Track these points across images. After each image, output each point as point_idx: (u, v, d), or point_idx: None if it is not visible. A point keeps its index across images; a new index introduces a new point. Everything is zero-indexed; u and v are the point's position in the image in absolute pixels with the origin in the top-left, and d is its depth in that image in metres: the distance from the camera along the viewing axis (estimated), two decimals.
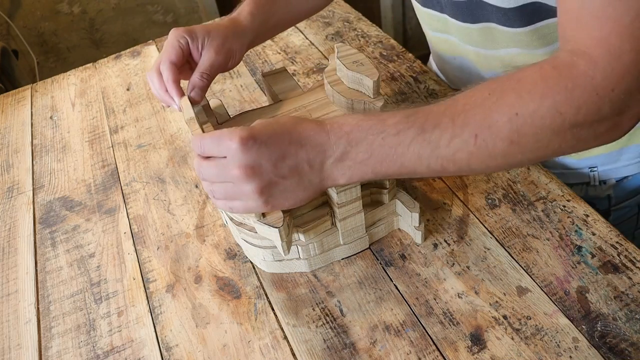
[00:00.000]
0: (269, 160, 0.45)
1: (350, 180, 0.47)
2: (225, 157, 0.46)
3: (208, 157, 0.48)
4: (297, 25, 1.05)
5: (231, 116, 0.64)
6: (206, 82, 0.60)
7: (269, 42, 1.02)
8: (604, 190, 0.73)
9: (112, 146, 0.85)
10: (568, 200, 0.63)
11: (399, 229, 0.64)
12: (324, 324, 0.57)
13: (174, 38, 0.61)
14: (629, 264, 0.56)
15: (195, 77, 0.60)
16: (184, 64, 0.62)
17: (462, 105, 0.45)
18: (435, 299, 0.57)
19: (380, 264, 0.61)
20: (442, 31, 0.74)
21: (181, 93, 0.59)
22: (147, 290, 0.63)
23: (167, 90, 0.60)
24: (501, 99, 0.43)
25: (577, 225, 0.61)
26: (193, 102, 0.59)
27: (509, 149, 0.44)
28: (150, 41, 1.10)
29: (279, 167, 0.45)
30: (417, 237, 0.61)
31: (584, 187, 0.73)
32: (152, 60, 1.04)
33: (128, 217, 0.73)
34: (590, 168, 0.72)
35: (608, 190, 0.73)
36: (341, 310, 0.58)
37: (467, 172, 0.47)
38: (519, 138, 0.43)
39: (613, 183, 0.72)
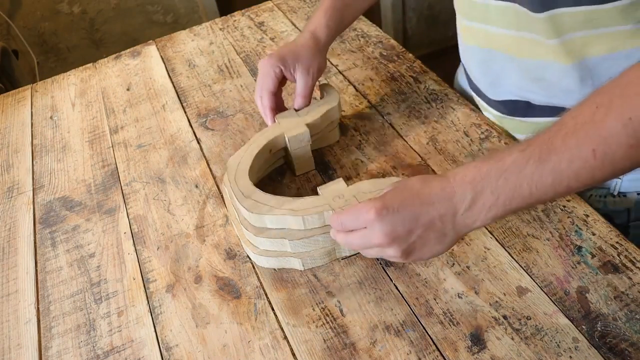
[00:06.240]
0: (403, 225, 0.49)
1: (484, 224, 0.49)
2: (365, 227, 0.50)
3: (350, 231, 0.53)
4: (297, 25, 1.05)
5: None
6: (307, 100, 0.74)
7: (269, 42, 1.02)
8: (624, 203, 0.70)
9: (112, 146, 0.85)
10: (568, 201, 0.63)
11: None
12: (324, 324, 0.57)
13: (269, 67, 0.72)
14: (629, 264, 0.56)
15: (298, 100, 0.74)
16: (280, 87, 0.75)
17: (573, 126, 0.45)
18: (435, 299, 0.57)
19: (380, 264, 0.61)
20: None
21: (273, 118, 0.73)
22: (147, 290, 0.63)
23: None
24: (610, 108, 0.44)
25: (577, 226, 0.61)
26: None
27: (630, 152, 0.44)
28: (150, 41, 1.10)
29: (413, 229, 0.49)
30: None
31: (603, 199, 0.71)
32: (152, 60, 1.04)
33: (128, 217, 0.73)
34: None
35: (628, 203, 0.70)
36: (341, 311, 0.58)
37: (592, 184, 0.48)
38: (637, 140, 0.43)
39: (634, 197, 0.69)
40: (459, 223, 0.49)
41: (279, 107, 0.76)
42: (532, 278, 0.57)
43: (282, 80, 0.74)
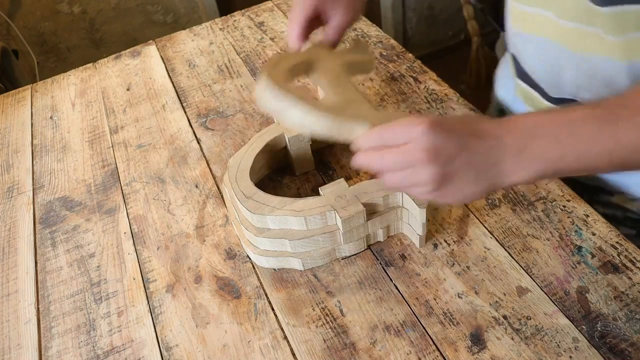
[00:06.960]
0: (448, 147, 0.45)
1: (525, 179, 0.46)
2: (407, 143, 0.46)
3: (384, 149, 0.48)
4: None
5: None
6: (339, 36, 0.68)
7: (269, 42, 1.02)
8: None
9: (112, 146, 0.85)
10: (568, 200, 0.63)
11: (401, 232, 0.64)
12: (324, 324, 0.57)
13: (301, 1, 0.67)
14: (629, 264, 0.56)
15: (329, 32, 0.68)
16: (315, 17, 0.68)
17: None
18: (435, 299, 0.57)
19: (380, 264, 0.61)
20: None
21: (300, 43, 0.68)
22: (147, 290, 0.63)
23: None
24: None
25: (577, 225, 0.61)
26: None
27: None
28: (150, 41, 1.09)
29: (456, 156, 0.45)
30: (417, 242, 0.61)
31: None
32: (152, 60, 1.04)
33: (128, 217, 0.73)
34: None
35: None
36: (341, 310, 0.58)
37: None
38: None
39: None
40: (501, 167, 0.46)
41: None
42: (532, 278, 0.57)
43: (314, 20, 0.69)
